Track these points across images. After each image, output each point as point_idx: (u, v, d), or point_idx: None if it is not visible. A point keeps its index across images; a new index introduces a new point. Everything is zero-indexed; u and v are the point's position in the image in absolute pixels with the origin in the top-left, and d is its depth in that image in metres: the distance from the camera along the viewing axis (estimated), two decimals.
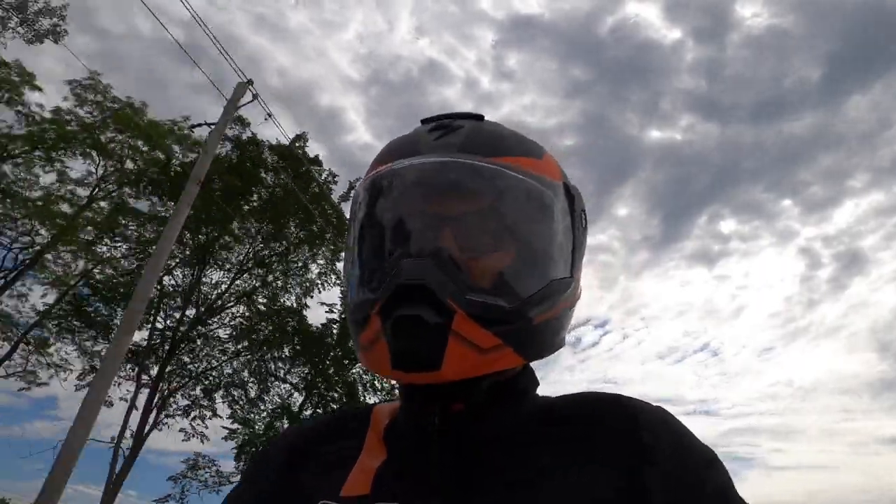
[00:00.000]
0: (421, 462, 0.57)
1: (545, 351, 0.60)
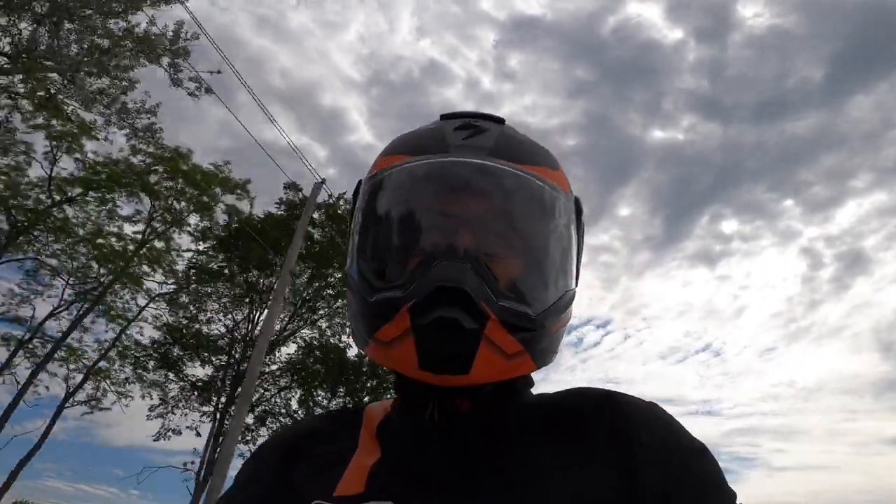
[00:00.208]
0: (418, 460, 0.58)
1: (550, 359, 0.63)
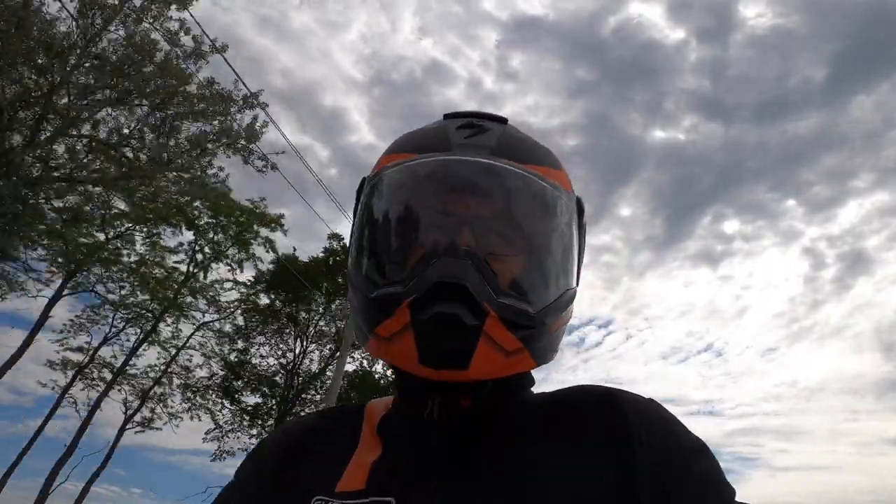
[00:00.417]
0: (418, 457, 0.59)
1: (550, 357, 0.63)
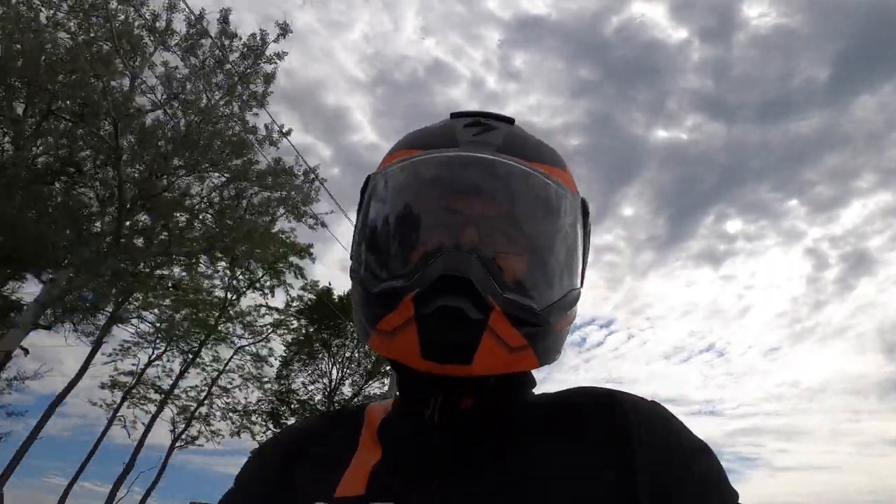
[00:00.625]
0: (419, 458, 0.58)
1: (554, 357, 0.63)
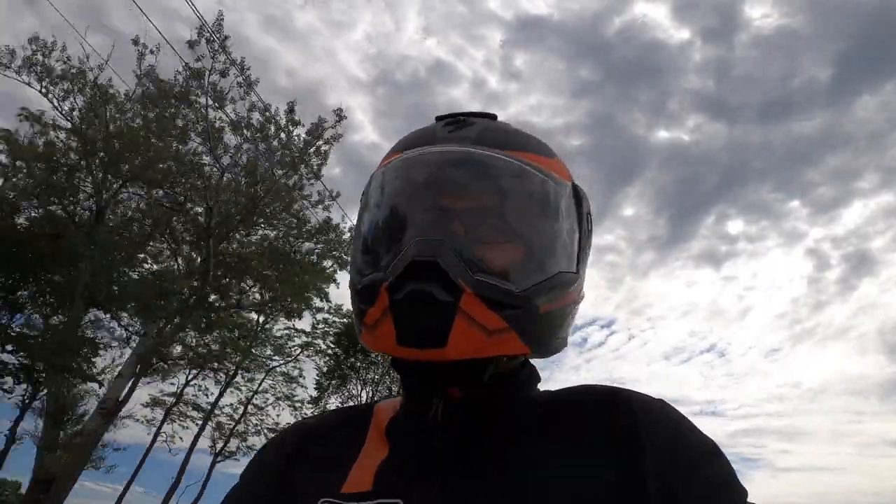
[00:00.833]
0: (423, 457, 0.59)
1: (549, 344, 0.61)
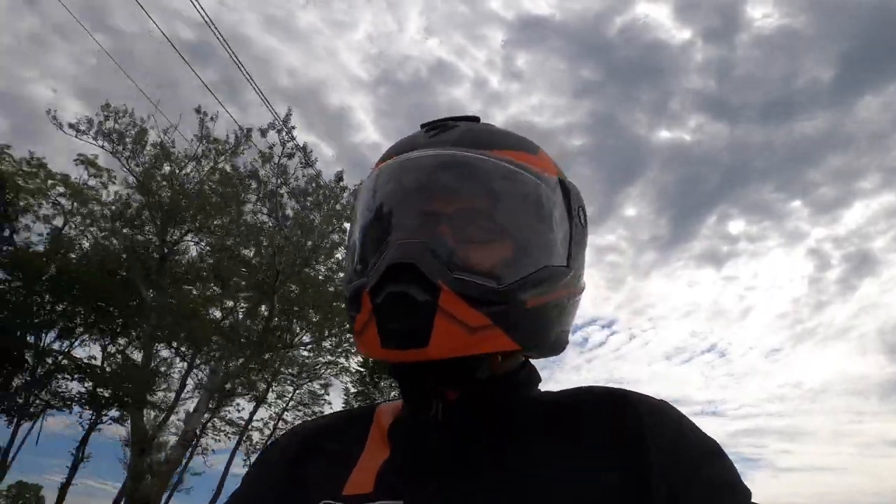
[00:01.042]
0: (421, 456, 0.59)
1: (542, 340, 0.61)
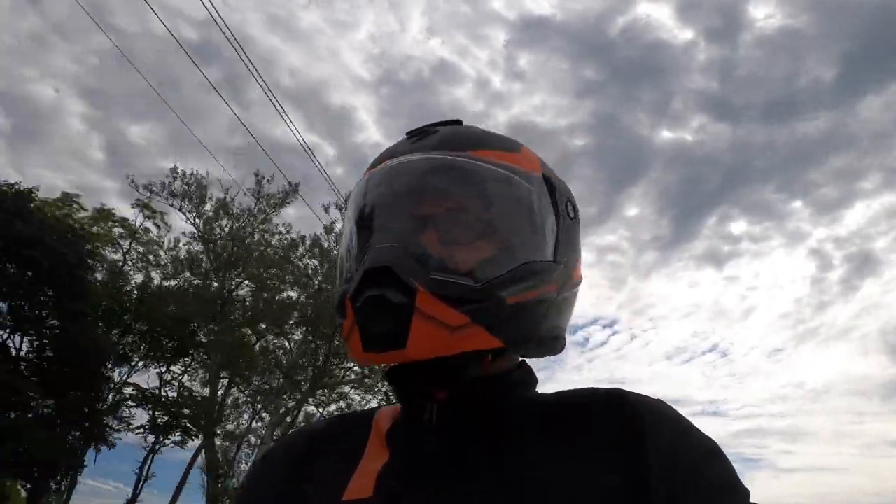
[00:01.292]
0: (418, 460, 0.59)
1: (530, 337, 0.60)
